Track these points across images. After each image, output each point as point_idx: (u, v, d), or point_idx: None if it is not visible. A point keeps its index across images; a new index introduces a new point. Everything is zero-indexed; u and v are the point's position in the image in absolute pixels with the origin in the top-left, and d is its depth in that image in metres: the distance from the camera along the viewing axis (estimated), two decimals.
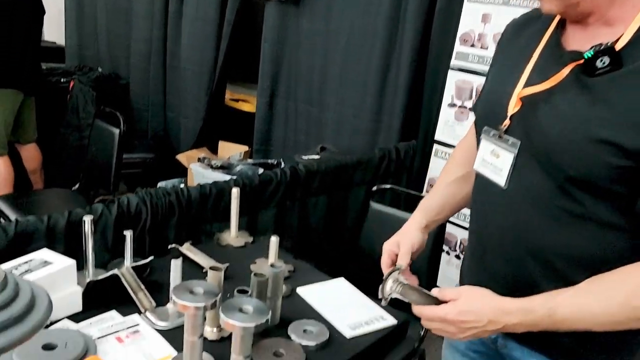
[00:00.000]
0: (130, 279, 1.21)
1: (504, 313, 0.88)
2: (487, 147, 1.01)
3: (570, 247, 0.90)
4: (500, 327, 0.89)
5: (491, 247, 1.02)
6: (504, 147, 0.96)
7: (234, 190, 1.53)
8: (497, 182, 0.97)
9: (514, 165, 0.94)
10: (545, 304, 0.86)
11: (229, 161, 3.06)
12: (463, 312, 0.91)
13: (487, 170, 1.01)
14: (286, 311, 1.23)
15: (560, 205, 0.88)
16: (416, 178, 2.67)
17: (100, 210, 1.36)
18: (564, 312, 0.85)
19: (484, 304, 0.90)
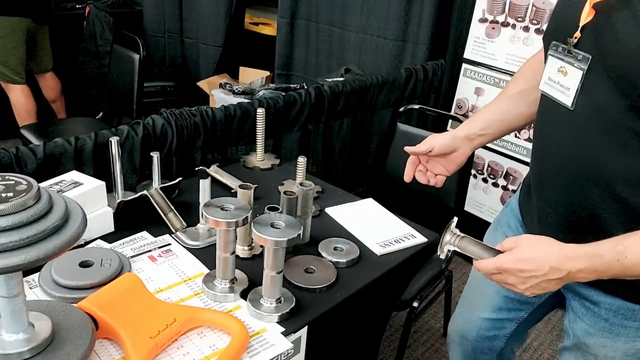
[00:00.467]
0: (160, 200, 1.21)
1: (568, 259, 0.83)
2: (554, 65, 0.93)
3: (637, 173, 0.84)
4: (563, 274, 0.84)
5: (552, 174, 0.96)
6: (573, 63, 0.88)
7: (259, 110, 1.50)
8: (563, 102, 0.90)
9: (583, 83, 0.86)
10: (614, 248, 0.80)
11: (251, 87, 3.00)
12: (521, 260, 0.86)
13: (553, 89, 0.94)
14: (316, 230, 1.23)
15: (631, 127, 0.81)
16: (444, 99, 2.60)
17: (126, 131, 1.34)
18: (636, 256, 0.79)
19: (544, 250, 0.85)
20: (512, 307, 1.23)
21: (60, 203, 0.71)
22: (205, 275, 1.03)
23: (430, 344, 2.07)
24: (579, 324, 1.04)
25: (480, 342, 1.31)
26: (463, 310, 1.35)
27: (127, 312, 0.86)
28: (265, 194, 1.38)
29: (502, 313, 1.24)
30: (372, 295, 1.15)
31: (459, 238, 0.96)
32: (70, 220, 0.70)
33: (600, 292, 0.98)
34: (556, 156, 0.94)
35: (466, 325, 1.33)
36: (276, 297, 0.96)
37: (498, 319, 1.25)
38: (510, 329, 1.27)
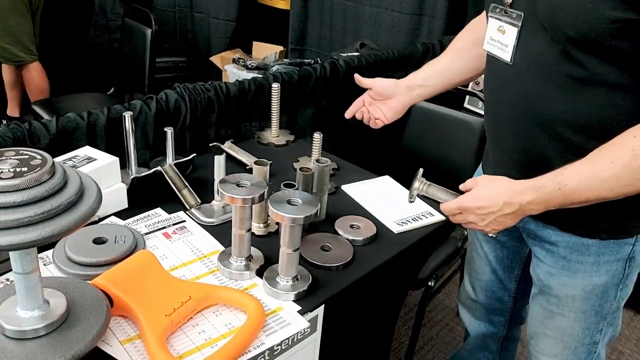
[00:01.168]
0: (174, 176, 1.19)
1: (517, 193, 0.91)
2: (494, 25, 1.00)
3: (576, 114, 0.90)
4: (516, 208, 0.92)
5: (503, 124, 1.02)
6: (509, 21, 0.95)
7: (274, 85, 1.47)
8: (503, 58, 0.98)
9: (518, 38, 0.94)
10: (555, 178, 0.87)
11: (265, 62, 2.96)
12: (478, 198, 0.95)
13: (494, 48, 1.00)
14: (332, 207, 1.20)
15: (565, 71, 0.88)
16: None
17: (139, 106, 1.32)
18: (573, 183, 0.86)
19: (497, 186, 0.94)
20: (505, 266, 1.29)
21: (75, 178, 0.70)
22: (220, 253, 1.02)
23: (445, 323, 2.06)
24: (541, 267, 1.09)
25: (491, 304, 1.37)
26: (470, 275, 1.38)
27: (142, 290, 0.85)
28: (280, 171, 1.36)
29: (500, 273, 1.30)
30: (388, 274, 1.14)
31: (426, 185, 1.07)
32: (85, 196, 0.69)
33: (557, 231, 1.03)
34: (504, 109, 1.00)
35: (475, 289, 1.37)
36: (292, 275, 0.95)
37: (499, 280, 1.31)
38: (513, 287, 1.32)
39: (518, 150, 1.01)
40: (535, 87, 0.93)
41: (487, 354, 1.49)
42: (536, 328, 1.17)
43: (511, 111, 0.99)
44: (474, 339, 1.47)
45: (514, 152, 1.02)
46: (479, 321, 1.42)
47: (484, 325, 1.43)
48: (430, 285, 1.64)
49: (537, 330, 1.17)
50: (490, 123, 1.09)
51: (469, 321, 1.45)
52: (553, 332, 1.13)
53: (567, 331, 1.10)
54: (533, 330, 1.18)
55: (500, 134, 1.05)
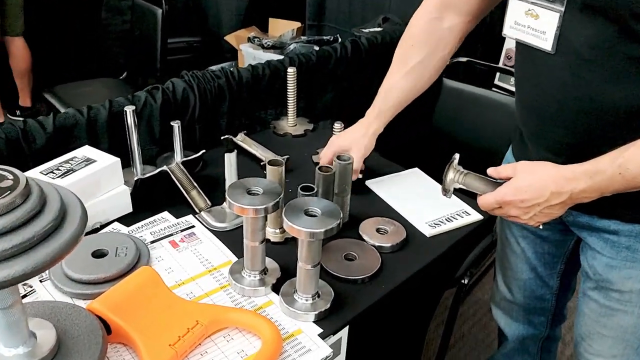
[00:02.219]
0: (181, 176, 1.08)
1: (568, 180, 0.81)
2: (518, 7, 0.87)
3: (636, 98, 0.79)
4: (565, 197, 0.82)
5: (549, 119, 0.90)
6: (545, 5, 0.83)
7: (289, 70, 1.34)
8: (541, 47, 0.85)
9: (562, 24, 0.81)
10: (614, 161, 0.77)
11: (281, 40, 2.81)
12: (519, 189, 0.84)
13: (525, 34, 0.88)
14: (356, 207, 1.09)
15: (625, 52, 0.77)
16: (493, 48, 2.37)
17: (144, 98, 1.21)
18: (636, 166, 0.76)
19: (542, 175, 0.83)
20: (546, 262, 1.17)
21: (54, 198, 0.59)
22: (232, 265, 0.91)
23: (477, 318, 1.95)
24: (599, 260, 0.98)
25: (530, 304, 1.25)
26: (504, 275, 1.26)
27: (143, 314, 0.75)
28: (298, 165, 1.24)
29: (540, 270, 1.18)
30: (420, 283, 1.02)
31: (463, 174, 0.92)
32: (67, 220, 0.58)
33: (618, 222, 0.92)
34: (549, 102, 0.89)
35: (511, 289, 1.25)
36: (312, 293, 0.84)
37: (539, 277, 1.19)
38: (555, 284, 1.21)
39: (570, 146, 0.89)
40: (589, 75, 0.81)
41: (527, 357, 1.38)
42: (589, 327, 1.05)
43: (559, 104, 0.87)
44: (512, 342, 1.36)
45: (565, 149, 0.90)
46: (517, 323, 1.31)
47: (523, 327, 1.31)
48: (463, 283, 1.52)
49: (590, 329, 1.05)
50: (528, 118, 0.97)
51: (506, 323, 1.33)
52: (612, 331, 1.01)
53: (630, 329, 0.99)
54: (585, 330, 1.07)
55: (545, 131, 0.93)
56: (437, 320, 1.90)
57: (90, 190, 0.96)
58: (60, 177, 0.93)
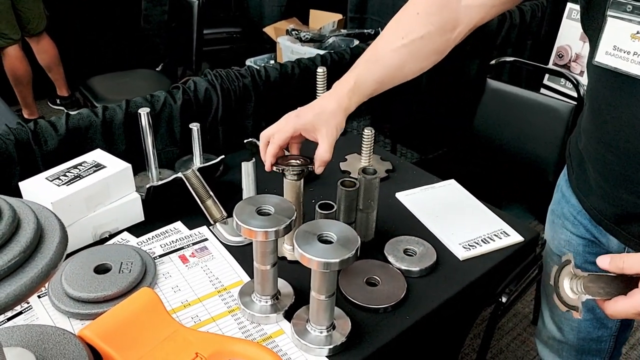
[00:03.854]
0: (197, 184, 1.02)
1: None
2: (621, 28, 0.70)
3: None
4: None
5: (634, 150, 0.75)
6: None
7: (319, 70, 1.25)
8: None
9: None
10: None
11: (320, 32, 2.72)
12: None
13: (626, 62, 0.70)
14: (383, 223, 1.00)
15: None
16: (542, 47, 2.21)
17: (163, 99, 1.15)
18: None
19: None
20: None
21: (28, 224, 0.53)
22: (242, 287, 0.84)
23: (516, 332, 1.82)
24: None
25: (585, 345, 1.10)
26: (553, 312, 1.11)
27: (139, 343, 0.69)
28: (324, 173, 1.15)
29: (599, 311, 1.00)
30: (451, 310, 0.92)
31: (581, 280, 0.68)
32: (41, 250, 0.52)
33: None
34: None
35: (562, 329, 1.10)
36: (326, 325, 0.76)
37: (597, 319, 1.04)
38: (615, 325, 1.06)
39: None
40: None
41: None
42: None
43: None
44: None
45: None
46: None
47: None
48: (502, 301, 1.41)
49: None
50: (610, 157, 0.81)
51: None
52: None
53: None
54: None
55: (631, 173, 0.78)
56: (473, 332, 1.79)
57: (99, 199, 0.91)
58: (66, 184, 0.88)
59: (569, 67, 2.23)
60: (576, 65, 2.20)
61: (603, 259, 0.65)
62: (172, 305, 0.82)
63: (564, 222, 1.00)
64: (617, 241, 0.88)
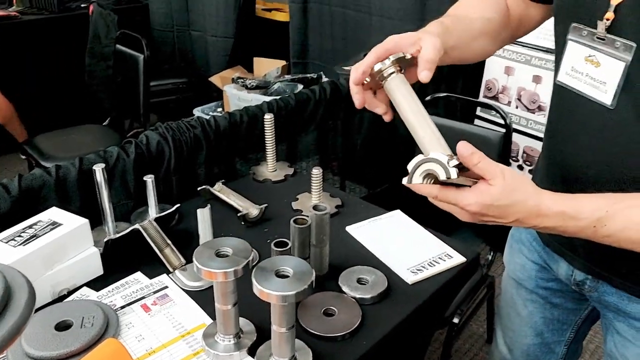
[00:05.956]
0: (154, 234, 1.05)
1: (539, 216, 0.69)
2: (578, 52, 0.77)
3: None
4: (525, 226, 0.72)
5: (585, 177, 0.80)
6: (609, 51, 0.72)
7: (266, 116, 1.32)
8: (598, 99, 0.75)
9: (627, 76, 0.70)
10: (594, 213, 0.68)
11: (265, 79, 2.82)
12: (488, 207, 0.68)
13: (580, 82, 0.77)
14: (336, 257, 1.05)
15: None
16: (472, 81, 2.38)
17: (116, 154, 1.19)
18: (615, 227, 0.67)
19: (520, 200, 0.68)
20: (555, 329, 1.08)
21: None
22: (206, 329, 0.87)
23: (473, 353, 1.89)
24: (631, 349, 0.88)
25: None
26: (505, 334, 1.17)
27: None
28: (277, 214, 1.21)
29: (547, 336, 1.09)
30: (405, 333, 0.98)
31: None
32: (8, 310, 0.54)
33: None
34: (589, 165, 0.79)
35: (512, 351, 1.16)
36: (288, 356, 0.80)
37: (545, 343, 1.10)
38: (562, 351, 1.11)
39: None
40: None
41: None
42: None
43: (601, 169, 0.77)
44: None
45: None
46: None
47: None
48: (454, 322, 1.48)
49: None
50: (558, 170, 0.86)
51: None
52: None
53: None
54: None
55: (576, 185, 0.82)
56: (432, 357, 1.84)
57: (57, 256, 0.93)
58: (23, 245, 0.90)
59: (498, 99, 2.40)
60: (503, 96, 2.38)
61: (464, 146, 0.66)
62: (136, 354, 0.84)
63: (520, 247, 1.06)
64: (566, 266, 0.93)
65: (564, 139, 0.84)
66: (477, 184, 0.68)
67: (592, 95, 0.76)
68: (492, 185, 0.66)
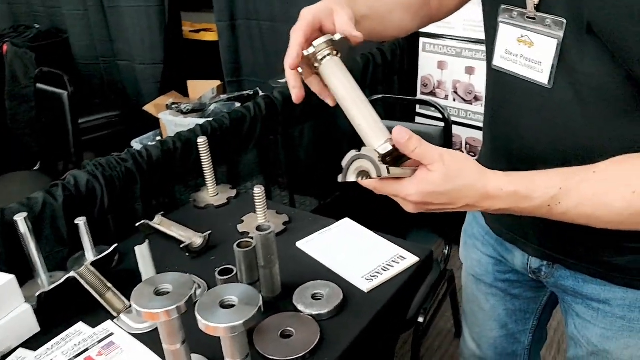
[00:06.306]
0: (93, 279, 0.98)
1: (489, 198, 0.66)
2: (510, 34, 0.76)
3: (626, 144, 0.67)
4: (477, 210, 0.69)
5: (525, 158, 0.79)
6: (540, 30, 0.71)
7: (199, 140, 1.28)
8: (535, 79, 0.74)
9: (560, 53, 0.69)
10: (547, 191, 0.65)
11: (201, 101, 2.76)
12: (431, 195, 0.64)
13: (515, 65, 0.77)
14: (288, 275, 1.02)
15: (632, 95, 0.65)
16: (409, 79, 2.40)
17: (42, 200, 1.11)
18: (570, 204, 0.65)
19: (465, 184, 0.65)
20: (518, 319, 1.08)
21: None
22: None
23: (444, 349, 1.89)
24: (592, 330, 0.88)
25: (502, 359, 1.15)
26: (471, 330, 1.17)
27: None
28: (223, 240, 1.16)
29: (511, 327, 1.09)
30: (366, 343, 0.95)
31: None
32: None
33: (607, 285, 0.82)
34: (533, 146, 0.78)
35: (480, 346, 1.16)
36: None
37: (510, 334, 1.10)
38: (527, 340, 1.12)
39: None
40: (586, 118, 0.70)
41: None
42: None
43: (544, 151, 0.76)
44: None
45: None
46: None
47: None
48: (419, 322, 1.47)
49: None
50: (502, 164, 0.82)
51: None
52: None
53: None
54: None
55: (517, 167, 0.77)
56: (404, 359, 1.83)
57: None
58: None
59: (435, 94, 2.44)
60: (440, 91, 2.42)
61: (400, 131, 0.62)
62: None
63: (474, 242, 1.06)
64: (520, 255, 0.93)
65: (506, 123, 0.83)
66: (416, 172, 0.65)
67: (529, 76, 0.75)
68: (432, 171, 0.63)
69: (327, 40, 0.70)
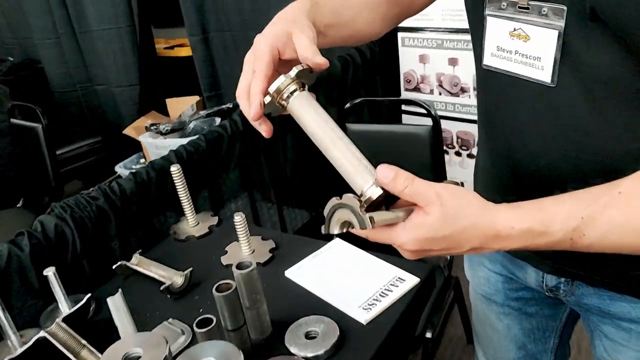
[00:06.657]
0: (65, 337, 0.90)
1: (498, 238, 0.57)
2: (500, 28, 0.67)
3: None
4: (489, 251, 0.60)
5: (537, 169, 0.70)
6: (536, 21, 0.62)
7: (172, 168, 1.19)
8: (536, 78, 0.64)
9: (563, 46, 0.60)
10: (568, 223, 0.55)
11: (180, 119, 2.67)
12: (429, 241, 0.56)
13: (510, 63, 0.67)
14: (277, 312, 0.94)
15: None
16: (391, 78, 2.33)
17: (6, 252, 1.03)
18: (596, 235, 0.55)
19: (466, 227, 0.56)
20: (537, 338, 0.98)
21: None
22: None
23: (457, 357, 1.81)
24: (624, 353, 0.79)
25: None
26: (486, 352, 1.08)
27: None
28: (206, 275, 1.08)
29: (530, 347, 0.99)
30: None
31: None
32: None
33: (638, 303, 0.72)
34: (539, 155, 0.69)
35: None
36: None
37: (530, 355, 1.01)
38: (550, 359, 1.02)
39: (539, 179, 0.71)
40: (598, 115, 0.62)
41: None
42: None
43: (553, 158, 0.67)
44: None
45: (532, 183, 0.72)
46: None
47: None
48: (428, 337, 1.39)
49: None
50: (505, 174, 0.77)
51: None
52: None
53: None
54: None
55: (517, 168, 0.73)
56: None
57: None
58: None
59: (419, 89, 2.36)
60: (424, 85, 2.34)
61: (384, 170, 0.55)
62: None
63: (480, 259, 0.97)
64: (534, 272, 0.85)
65: (504, 132, 0.74)
66: (410, 216, 0.57)
67: (527, 74, 0.66)
68: (428, 213, 0.55)
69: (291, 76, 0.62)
